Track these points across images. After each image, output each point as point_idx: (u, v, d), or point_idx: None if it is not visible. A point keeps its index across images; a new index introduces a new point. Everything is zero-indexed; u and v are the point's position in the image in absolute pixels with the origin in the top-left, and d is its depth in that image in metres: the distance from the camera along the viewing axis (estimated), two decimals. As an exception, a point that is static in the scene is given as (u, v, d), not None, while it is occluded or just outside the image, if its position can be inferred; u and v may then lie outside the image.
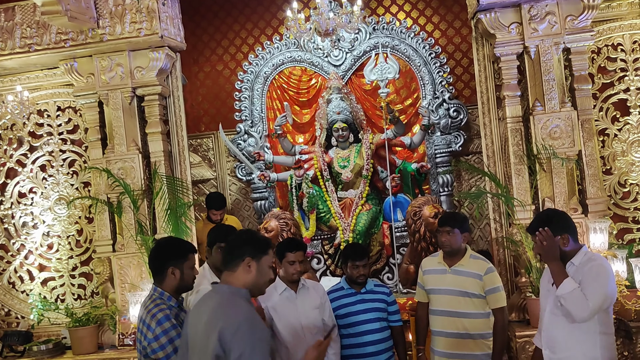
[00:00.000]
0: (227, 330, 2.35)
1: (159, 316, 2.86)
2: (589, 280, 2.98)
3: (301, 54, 6.63)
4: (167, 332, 2.82)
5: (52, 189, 5.89)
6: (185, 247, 3.11)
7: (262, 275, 2.62)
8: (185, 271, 3.04)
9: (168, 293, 3.00)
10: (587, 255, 3.10)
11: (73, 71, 5.47)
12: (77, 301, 5.83)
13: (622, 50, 5.35)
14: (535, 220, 3.24)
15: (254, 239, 2.68)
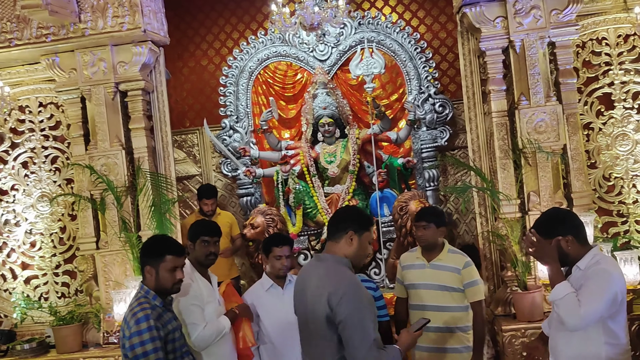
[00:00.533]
0: (334, 295, 2.61)
1: (138, 315, 2.80)
2: (587, 285, 2.79)
3: (286, 48, 6.59)
4: (141, 333, 2.75)
5: (34, 186, 5.81)
6: (163, 247, 3.00)
7: (362, 249, 2.85)
8: (160, 272, 2.94)
9: (153, 292, 2.94)
10: (594, 259, 2.90)
11: (55, 66, 5.38)
12: (61, 299, 5.75)
13: (607, 45, 5.37)
14: (537, 221, 3.06)
15: (358, 215, 2.94)
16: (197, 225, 3.70)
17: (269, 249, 3.83)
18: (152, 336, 2.74)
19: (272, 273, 3.86)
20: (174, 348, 2.90)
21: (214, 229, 3.65)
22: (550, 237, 2.92)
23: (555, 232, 2.92)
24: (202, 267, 3.60)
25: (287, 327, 3.76)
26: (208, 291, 3.54)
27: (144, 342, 2.73)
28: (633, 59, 5.33)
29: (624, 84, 5.34)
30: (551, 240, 2.92)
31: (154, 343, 2.74)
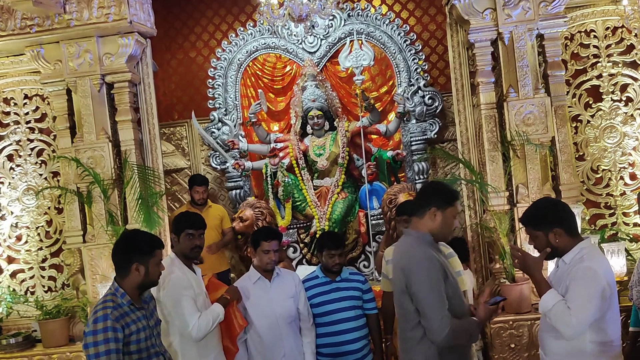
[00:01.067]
0: (407, 268, 2.76)
1: (98, 314, 2.73)
2: (574, 289, 2.73)
3: (275, 40, 6.55)
4: (96, 334, 2.68)
5: (20, 179, 5.74)
6: (152, 243, 2.97)
7: (447, 224, 2.85)
8: (151, 268, 2.91)
9: (123, 290, 2.85)
10: (580, 253, 2.83)
11: (40, 58, 5.31)
12: (48, 293, 5.70)
13: (595, 37, 5.37)
14: (526, 211, 3.02)
15: (442, 191, 2.92)
16: (181, 218, 3.63)
17: (258, 243, 3.81)
18: (106, 338, 2.67)
19: (260, 266, 3.85)
20: (139, 348, 2.83)
21: (199, 222, 3.59)
22: (538, 228, 2.90)
23: (543, 224, 2.88)
24: (187, 259, 3.56)
25: (274, 320, 3.77)
26: (196, 283, 3.52)
27: (97, 342, 2.67)
28: (621, 51, 5.34)
29: (612, 77, 5.35)
30: (539, 233, 2.89)
31: (107, 345, 2.67)
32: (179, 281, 3.40)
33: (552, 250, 2.88)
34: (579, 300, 2.70)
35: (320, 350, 3.92)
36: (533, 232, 2.92)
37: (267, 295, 3.81)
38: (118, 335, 2.70)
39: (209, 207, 6.14)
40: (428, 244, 2.84)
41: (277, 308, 3.78)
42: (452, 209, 2.86)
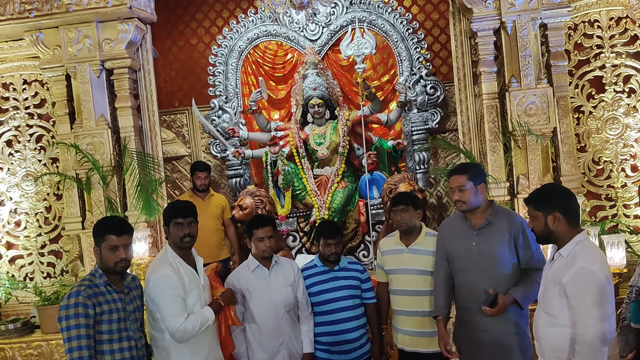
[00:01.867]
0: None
1: (72, 290, 2.87)
2: (577, 302, 2.71)
3: (277, 28, 6.50)
4: (68, 308, 2.81)
5: (19, 164, 5.73)
6: (103, 227, 3.00)
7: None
8: (103, 252, 2.97)
9: (101, 270, 2.98)
10: (576, 247, 2.81)
11: (39, 43, 5.28)
12: (47, 279, 5.71)
13: (599, 27, 5.32)
14: (533, 192, 3.05)
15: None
16: (169, 208, 3.49)
17: (251, 232, 3.78)
18: (77, 313, 2.79)
19: (257, 255, 3.82)
20: (111, 329, 2.90)
21: (188, 209, 3.42)
22: (539, 209, 2.90)
23: (544, 205, 2.88)
24: (181, 250, 3.41)
25: (273, 308, 3.74)
26: (190, 277, 3.37)
27: (68, 317, 2.80)
28: (625, 42, 5.30)
29: (615, 67, 5.31)
30: (539, 214, 2.89)
31: (76, 319, 2.78)
32: (165, 280, 3.24)
33: (547, 234, 2.89)
34: (588, 309, 2.68)
35: (318, 338, 3.90)
36: (534, 212, 2.92)
37: (265, 284, 3.79)
38: (88, 312, 2.81)
39: (211, 195, 6.10)
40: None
41: (275, 296, 3.76)
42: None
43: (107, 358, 2.89)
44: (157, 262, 3.33)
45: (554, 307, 2.84)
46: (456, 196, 3.43)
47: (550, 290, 2.87)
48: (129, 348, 2.96)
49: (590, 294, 2.67)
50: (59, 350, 5.07)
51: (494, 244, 3.37)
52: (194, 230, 3.42)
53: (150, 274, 3.27)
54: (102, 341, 2.88)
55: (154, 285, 3.25)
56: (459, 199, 3.42)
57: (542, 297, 2.96)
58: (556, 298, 2.82)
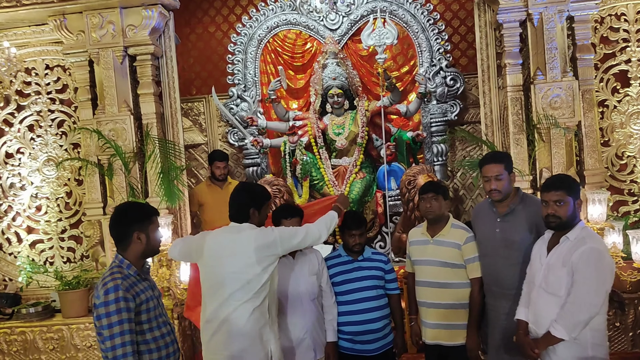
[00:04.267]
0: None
1: (108, 285, 2.72)
2: (586, 272, 2.92)
3: (296, 16, 6.49)
4: (108, 304, 2.68)
5: (40, 149, 5.74)
6: (149, 210, 2.98)
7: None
8: (151, 234, 2.91)
9: (129, 261, 2.87)
10: (582, 232, 3.03)
11: (62, 28, 5.27)
12: (67, 264, 5.72)
13: (626, 21, 5.27)
14: (559, 178, 3.23)
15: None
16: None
17: (279, 221, 3.77)
18: (119, 308, 2.68)
19: (283, 246, 3.82)
20: (149, 318, 2.84)
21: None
22: (571, 194, 3.07)
23: (575, 192, 3.10)
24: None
25: (297, 297, 3.75)
26: None
27: (110, 313, 2.67)
28: (652, 36, 5.26)
29: (641, 62, 5.27)
30: (569, 199, 3.07)
31: (119, 315, 2.67)
32: (263, 232, 3.39)
33: (572, 219, 3.06)
34: (591, 282, 2.90)
35: (341, 328, 3.90)
36: (565, 197, 3.05)
37: (291, 272, 3.79)
38: (130, 305, 2.71)
39: (228, 183, 6.13)
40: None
41: (300, 285, 3.76)
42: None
43: (152, 345, 2.83)
44: (263, 229, 3.42)
45: (562, 287, 2.98)
46: (493, 185, 3.47)
47: (557, 271, 3.02)
48: (167, 333, 2.95)
49: (595, 271, 2.90)
50: (80, 335, 5.10)
51: (517, 231, 3.46)
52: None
53: (269, 231, 3.38)
54: (144, 331, 2.81)
55: (281, 230, 3.44)
56: (495, 187, 3.46)
57: (546, 279, 3.07)
58: (564, 278, 2.98)
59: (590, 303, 2.92)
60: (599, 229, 4.53)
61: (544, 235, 3.27)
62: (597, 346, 3.03)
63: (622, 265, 4.42)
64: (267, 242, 3.29)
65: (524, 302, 3.30)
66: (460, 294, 3.71)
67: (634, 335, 4.64)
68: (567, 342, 3.00)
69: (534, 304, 3.15)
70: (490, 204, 3.66)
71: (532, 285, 3.20)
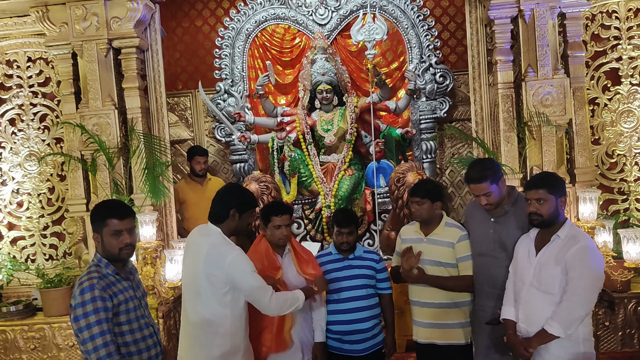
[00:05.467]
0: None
1: (84, 285, 2.63)
2: (578, 273, 2.97)
3: (285, 11, 6.40)
4: (85, 305, 2.59)
5: (22, 144, 5.59)
6: (104, 211, 2.81)
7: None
8: (105, 238, 2.76)
9: (106, 260, 2.77)
10: (571, 230, 3.09)
11: (45, 19, 5.12)
12: (49, 262, 5.58)
13: (617, 18, 5.24)
14: (545, 177, 3.27)
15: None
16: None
17: (268, 218, 3.68)
18: (96, 308, 2.58)
19: (272, 242, 3.74)
20: (129, 319, 2.75)
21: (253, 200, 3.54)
22: (552, 192, 3.10)
23: (558, 190, 3.13)
24: (232, 236, 3.40)
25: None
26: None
27: (87, 314, 2.58)
28: (643, 33, 5.23)
29: (632, 60, 5.23)
30: (551, 197, 3.10)
31: (97, 315, 2.58)
32: (243, 257, 3.22)
33: (555, 217, 3.11)
34: (586, 280, 2.96)
35: (330, 327, 3.83)
36: (547, 195, 3.09)
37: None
38: (107, 305, 2.62)
39: (208, 179, 6.06)
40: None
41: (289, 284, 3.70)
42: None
43: (132, 348, 2.73)
44: (223, 244, 3.23)
45: (556, 284, 3.01)
46: (483, 201, 3.46)
47: (550, 270, 3.04)
48: (150, 335, 2.85)
49: (589, 268, 2.96)
50: (62, 334, 4.98)
51: (510, 232, 3.44)
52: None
53: (222, 256, 3.16)
54: (123, 332, 2.71)
55: (233, 263, 3.16)
56: (486, 203, 3.46)
57: (538, 277, 3.08)
58: (558, 276, 3.01)
59: (588, 299, 2.97)
60: (590, 228, 4.50)
61: (528, 234, 3.27)
62: (587, 341, 3.08)
63: (612, 265, 4.39)
64: (216, 263, 3.16)
65: (509, 301, 3.29)
66: (454, 293, 3.67)
67: (624, 334, 4.63)
68: (560, 339, 3.01)
69: (526, 302, 3.14)
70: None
71: (522, 284, 3.19)
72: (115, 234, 2.76)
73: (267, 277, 3.41)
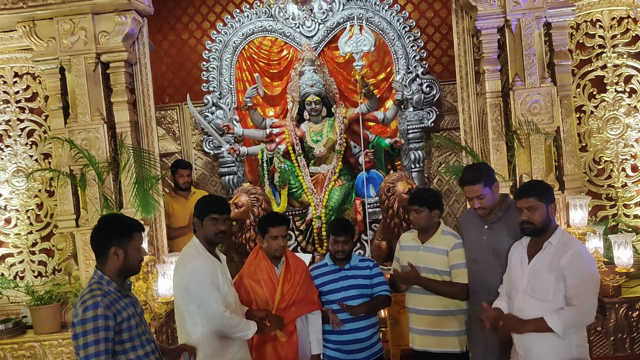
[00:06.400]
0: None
1: (87, 303, 2.59)
2: (577, 279, 2.98)
3: (272, 23, 6.43)
4: (85, 323, 2.56)
5: (9, 160, 5.52)
6: (130, 225, 2.83)
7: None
8: (130, 252, 2.77)
9: (108, 277, 2.73)
10: (563, 237, 3.11)
11: (32, 34, 5.08)
12: (38, 278, 5.51)
13: (601, 27, 5.33)
14: (532, 185, 3.33)
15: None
16: (206, 202, 3.52)
17: (265, 229, 3.69)
18: (96, 327, 2.56)
19: (269, 253, 3.74)
20: (131, 336, 2.72)
21: (224, 206, 3.49)
22: (542, 200, 3.13)
23: (547, 197, 3.16)
24: (210, 245, 3.42)
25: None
26: (220, 271, 3.37)
27: (86, 332, 2.56)
28: (626, 42, 5.32)
29: (617, 67, 5.33)
30: (541, 205, 3.13)
31: (96, 335, 2.55)
32: (202, 269, 3.26)
33: (546, 224, 3.12)
34: (587, 285, 2.98)
35: (328, 337, 3.85)
36: (537, 202, 3.11)
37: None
38: (109, 324, 2.59)
39: (193, 193, 6.04)
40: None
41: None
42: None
43: None
44: (188, 254, 3.30)
45: (550, 291, 3.03)
46: (476, 204, 3.50)
47: (544, 276, 3.06)
48: (152, 351, 2.81)
49: (588, 273, 2.99)
50: (53, 352, 4.91)
51: (502, 239, 3.48)
52: (229, 227, 3.48)
53: (184, 265, 3.22)
54: (126, 350, 2.68)
55: (191, 275, 3.22)
56: (479, 206, 3.48)
57: (532, 285, 3.10)
58: (552, 282, 3.02)
59: (593, 306, 2.99)
60: (581, 234, 4.56)
61: (521, 241, 3.29)
62: (580, 347, 3.10)
63: (604, 270, 4.44)
64: (178, 271, 3.32)
65: (502, 297, 3.34)
66: (449, 300, 3.69)
67: (616, 339, 4.68)
68: (553, 344, 3.02)
69: (519, 310, 3.15)
70: (476, 211, 3.66)
71: (515, 291, 3.21)
72: (139, 247, 2.83)
73: (264, 305, 3.58)
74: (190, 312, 3.28)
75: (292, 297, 3.65)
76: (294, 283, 3.70)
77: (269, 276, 3.68)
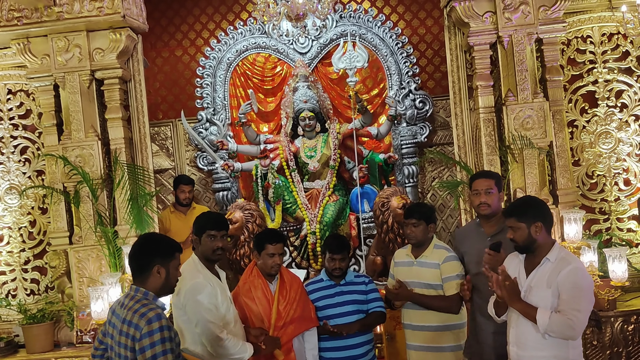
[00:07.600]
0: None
1: (149, 315, 2.58)
2: (572, 293, 2.94)
3: (266, 40, 6.46)
4: (152, 334, 2.55)
5: (2, 177, 5.49)
6: (173, 245, 2.86)
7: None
8: (171, 271, 2.80)
9: (153, 293, 2.74)
10: (560, 252, 3.08)
11: (26, 51, 5.09)
12: (30, 297, 5.46)
13: (591, 43, 5.40)
14: (512, 204, 3.34)
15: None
16: (203, 219, 3.50)
17: (262, 246, 3.68)
18: (163, 337, 2.55)
19: (264, 270, 3.73)
20: (178, 354, 2.72)
21: (221, 222, 3.48)
22: (522, 220, 3.05)
23: (527, 216, 3.05)
24: (209, 262, 3.41)
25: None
26: (219, 289, 3.35)
27: (154, 343, 2.54)
28: (617, 57, 5.39)
29: (608, 82, 5.39)
30: (522, 225, 3.04)
31: (163, 345, 2.55)
32: (201, 287, 3.25)
33: (529, 243, 3.06)
34: (580, 301, 2.92)
35: (324, 354, 3.83)
36: (517, 223, 3.07)
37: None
38: (172, 335, 2.61)
39: (193, 208, 6.02)
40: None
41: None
42: None
43: None
44: (187, 271, 3.25)
45: (547, 307, 2.98)
46: (482, 199, 3.51)
47: (541, 292, 3.03)
48: None
49: (583, 290, 2.95)
50: (45, 371, 4.86)
51: (505, 251, 3.41)
52: (226, 243, 3.50)
53: (181, 282, 3.15)
54: None
55: (187, 295, 3.22)
56: (484, 201, 3.50)
57: (529, 300, 3.06)
58: (549, 299, 2.99)
59: (582, 323, 2.95)
60: (575, 248, 4.57)
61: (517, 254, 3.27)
62: None
63: (599, 284, 4.45)
64: (177, 294, 3.25)
65: (494, 302, 3.30)
66: (446, 315, 3.69)
67: (612, 353, 4.67)
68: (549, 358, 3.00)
69: (516, 325, 3.13)
70: (477, 224, 3.68)
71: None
72: (178, 267, 2.87)
73: (259, 323, 3.56)
74: (187, 329, 3.26)
75: (289, 314, 3.63)
76: (289, 300, 3.68)
77: (264, 293, 3.66)
